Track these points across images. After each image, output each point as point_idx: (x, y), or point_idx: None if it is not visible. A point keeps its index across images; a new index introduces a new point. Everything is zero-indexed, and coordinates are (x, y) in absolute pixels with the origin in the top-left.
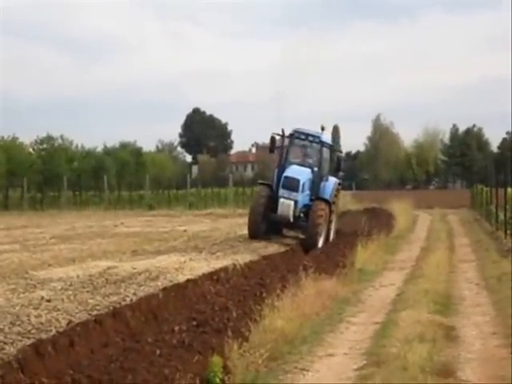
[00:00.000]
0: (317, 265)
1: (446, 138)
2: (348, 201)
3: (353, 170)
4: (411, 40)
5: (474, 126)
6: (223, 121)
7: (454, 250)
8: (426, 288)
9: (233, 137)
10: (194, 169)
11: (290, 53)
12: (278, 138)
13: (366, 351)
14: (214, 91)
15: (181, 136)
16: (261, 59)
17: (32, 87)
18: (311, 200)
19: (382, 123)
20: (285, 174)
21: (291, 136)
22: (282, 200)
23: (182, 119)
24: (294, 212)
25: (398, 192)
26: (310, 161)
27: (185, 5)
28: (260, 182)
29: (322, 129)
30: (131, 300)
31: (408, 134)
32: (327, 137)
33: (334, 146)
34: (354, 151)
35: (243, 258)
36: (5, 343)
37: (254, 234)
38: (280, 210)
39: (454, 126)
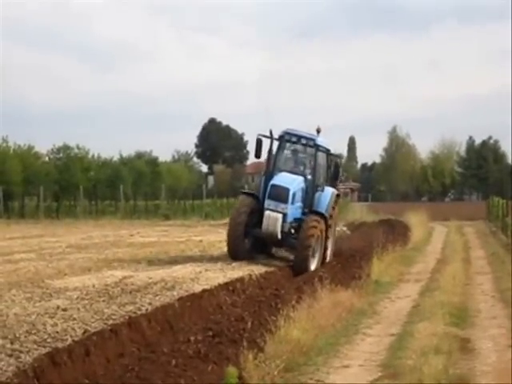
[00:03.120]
0: (332, 276)
1: (462, 150)
2: (364, 212)
3: (369, 182)
4: (425, 51)
5: (490, 138)
6: (239, 131)
7: (469, 262)
8: (441, 300)
9: (249, 147)
10: (210, 179)
11: (303, 63)
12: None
13: (382, 363)
14: (230, 101)
15: (197, 146)
16: (276, 69)
17: (48, 96)
18: (304, 213)
19: (398, 135)
20: (272, 182)
21: (281, 138)
22: (267, 213)
23: (197, 129)
24: (282, 227)
25: (414, 204)
26: (303, 167)
27: (200, 15)
28: (243, 191)
29: (318, 131)
30: (147, 310)
31: (424, 146)
32: (323, 140)
33: (331, 151)
34: (370, 163)
35: (259, 268)
36: (20, 352)
37: (235, 254)
38: (265, 224)
39: (471, 138)
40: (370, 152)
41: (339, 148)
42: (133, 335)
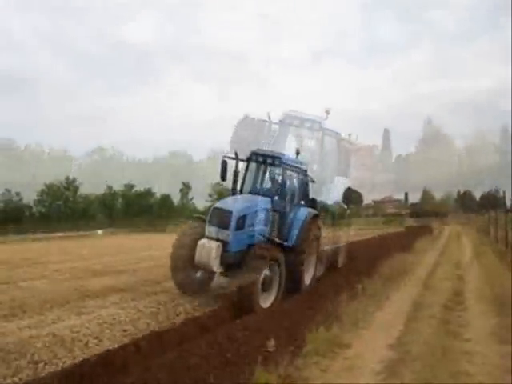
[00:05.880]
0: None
1: (497, 140)
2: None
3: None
4: None
5: None
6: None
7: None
8: None
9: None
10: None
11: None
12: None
13: None
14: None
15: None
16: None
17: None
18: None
19: (433, 125)
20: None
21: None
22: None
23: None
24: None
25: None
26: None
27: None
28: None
29: (327, 112)
30: None
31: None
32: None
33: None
34: (404, 154)
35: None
36: None
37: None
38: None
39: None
40: (405, 143)
41: (374, 139)
42: None
